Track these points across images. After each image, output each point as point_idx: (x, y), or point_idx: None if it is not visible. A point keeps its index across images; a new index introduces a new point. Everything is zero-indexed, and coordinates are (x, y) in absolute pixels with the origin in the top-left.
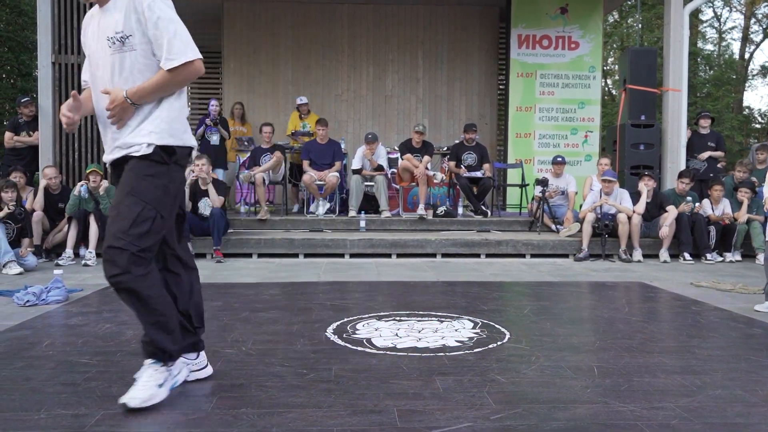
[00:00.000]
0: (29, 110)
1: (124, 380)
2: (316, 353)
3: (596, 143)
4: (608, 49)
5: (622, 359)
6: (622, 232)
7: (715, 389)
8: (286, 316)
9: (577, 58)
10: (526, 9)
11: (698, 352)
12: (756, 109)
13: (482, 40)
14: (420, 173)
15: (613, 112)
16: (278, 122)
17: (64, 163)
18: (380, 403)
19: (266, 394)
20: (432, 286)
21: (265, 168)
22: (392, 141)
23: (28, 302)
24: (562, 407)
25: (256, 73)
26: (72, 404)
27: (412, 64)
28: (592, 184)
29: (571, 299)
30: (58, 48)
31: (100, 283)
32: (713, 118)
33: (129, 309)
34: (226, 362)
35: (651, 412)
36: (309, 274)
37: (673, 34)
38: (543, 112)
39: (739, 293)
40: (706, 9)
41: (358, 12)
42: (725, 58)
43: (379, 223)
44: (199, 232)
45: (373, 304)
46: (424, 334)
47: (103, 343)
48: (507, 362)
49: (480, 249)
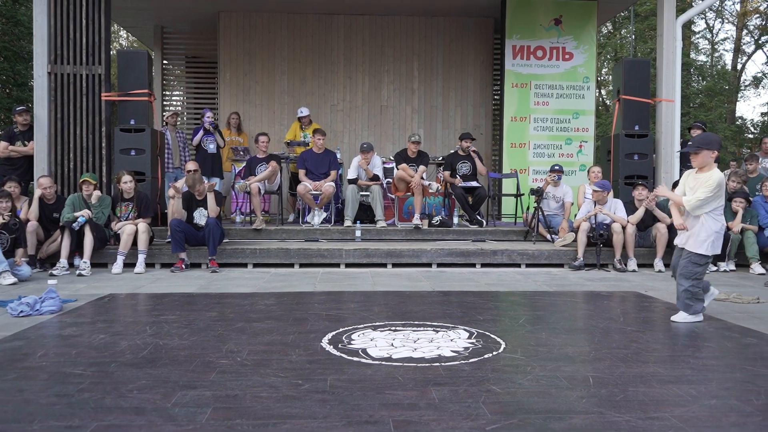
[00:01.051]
0: (23, 119)
1: (118, 391)
2: (311, 364)
3: (591, 153)
4: (602, 59)
5: (617, 369)
6: (617, 242)
7: (710, 399)
8: (281, 326)
9: (572, 68)
10: (520, 20)
11: (693, 362)
12: (748, 120)
13: (477, 51)
14: (415, 183)
15: (607, 122)
16: (274, 132)
17: (59, 173)
18: (376, 413)
19: (261, 404)
20: (427, 295)
21: (260, 178)
22: (388, 151)
23: (21, 312)
24: (558, 417)
25: (252, 83)
26: (65, 416)
27: (407, 75)
28: (585, 193)
29: (567, 309)
30: (54, 58)
31: (95, 293)
32: (704, 128)
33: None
34: (221, 373)
35: (646, 422)
36: (304, 284)
37: (666, 45)
38: (538, 122)
39: (734, 303)
40: (698, 20)
41: (354, 23)
42: (718, 68)
43: (374, 232)
44: (195, 242)
45: (368, 314)
46: (419, 344)
47: (97, 354)
48: (502, 372)
49: (475, 258)
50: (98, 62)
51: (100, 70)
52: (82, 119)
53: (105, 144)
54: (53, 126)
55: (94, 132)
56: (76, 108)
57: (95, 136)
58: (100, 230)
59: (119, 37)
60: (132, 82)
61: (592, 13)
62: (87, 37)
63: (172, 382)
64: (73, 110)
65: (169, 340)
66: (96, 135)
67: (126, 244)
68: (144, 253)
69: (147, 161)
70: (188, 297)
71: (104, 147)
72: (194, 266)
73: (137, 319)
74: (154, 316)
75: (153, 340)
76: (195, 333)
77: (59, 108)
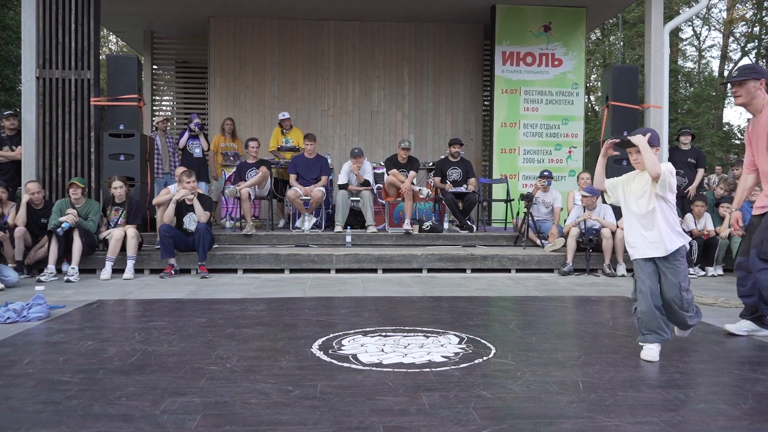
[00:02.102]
0: (11, 123)
1: (106, 398)
2: (301, 369)
3: (580, 159)
4: (591, 66)
5: (606, 374)
6: (606, 247)
7: (699, 403)
8: (271, 332)
9: (561, 75)
10: (510, 26)
11: (681, 366)
12: (735, 125)
13: (467, 57)
14: (406, 188)
15: (596, 128)
16: (264, 137)
17: (47, 178)
18: (366, 419)
19: (251, 411)
20: (418, 301)
21: (250, 183)
22: (378, 156)
23: (8, 319)
24: (548, 422)
25: (242, 88)
26: (53, 423)
27: (398, 81)
28: (575, 198)
29: (556, 314)
30: (42, 62)
31: (83, 299)
32: (694, 135)
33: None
34: (210, 379)
35: (635, 427)
36: (295, 290)
37: (653, 52)
38: (527, 128)
39: (722, 307)
40: (685, 28)
41: (345, 29)
42: (705, 75)
43: (365, 238)
44: (184, 248)
45: (358, 320)
46: (410, 350)
47: (85, 361)
48: (493, 377)
49: (465, 264)
50: (87, 67)
51: (89, 74)
52: (71, 124)
53: (94, 149)
54: (41, 131)
55: (83, 137)
56: (64, 113)
57: (84, 141)
58: (89, 236)
59: (108, 42)
60: (121, 86)
61: (581, 19)
62: (76, 42)
63: (161, 388)
64: (61, 115)
65: (158, 347)
66: (85, 140)
67: (114, 249)
68: (133, 259)
69: (136, 166)
70: (178, 303)
71: (93, 152)
72: (184, 272)
73: (126, 326)
74: (143, 322)
75: (142, 347)
76: (184, 339)
77: (48, 113)
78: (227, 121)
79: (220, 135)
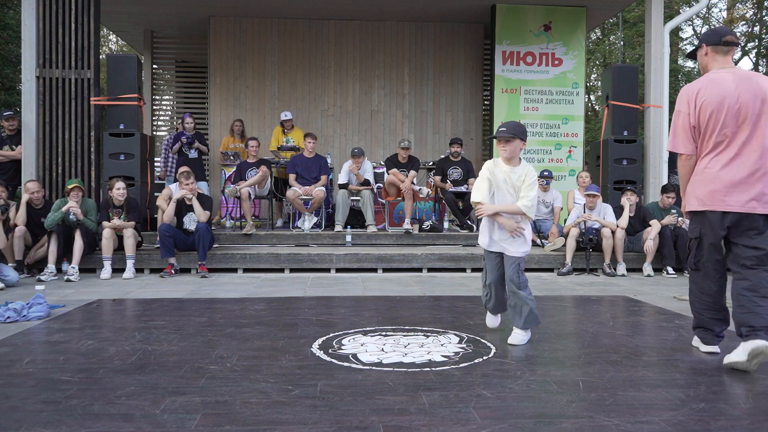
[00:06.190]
0: (10, 124)
1: (107, 398)
2: (301, 369)
3: (580, 158)
4: (591, 65)
5: (606, 373)
6: (606, 247)
7: (699, 403)
8: (271, 331)
9: (561, 74)
10: (510, 26)
11: (681, 366)
12: None
13: (467, 56)
14: (406, 188)
15: (596, 127)
16: (264, 137)
17: (47, 177)
18: (366, 419)
19: (251, 410)
20: (418, 300)
21: (250, 182)
22: (378, 156)
23: (8, 319)
24: (548, 422)
25: (243, 87)
26: (53, 423)
27: (398, 80)
28: (575, 198)
29: (556, 313)
30: (42, 62)
31: (83, 298)
32: None
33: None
34: (210, 379)
35: (636, 426)
36: (295, 289)
37: (654, 52)
38: (527, 127)
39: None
40: (686, 27)
41: (345, 28)
42: None
43: (365, 237)
44: (184, 247)
45: (358, 319)
46: (410, 349)
47: (85, 360)
48: (493, 377)
49: (466, 263)
50: (87, 66)
51: (89, 74)
52: (71, 124)
53: (94, 149)
54: (41, 130)
55: (83, 136)
56: (64, 112)
57: (84, 141)
58: (90, 234)
59: (108, 42)
60: (121, 86)
61: (581, 19)
62: (76, 41)
63: (161, 388)
64: (61, 114)
65: (158, 346)
66: (85, 139)
67: (107, 248)
68: (132, 259)
69: (136, 166)
70: (178, 302)
71: (93, 152)
72: (184, 271)
73: (126, 325)
74: (143, 321)
75: (142, 346)
76: (184, 338)
77: (48, 112)
78: (236, 122)
79: (230, 136)
